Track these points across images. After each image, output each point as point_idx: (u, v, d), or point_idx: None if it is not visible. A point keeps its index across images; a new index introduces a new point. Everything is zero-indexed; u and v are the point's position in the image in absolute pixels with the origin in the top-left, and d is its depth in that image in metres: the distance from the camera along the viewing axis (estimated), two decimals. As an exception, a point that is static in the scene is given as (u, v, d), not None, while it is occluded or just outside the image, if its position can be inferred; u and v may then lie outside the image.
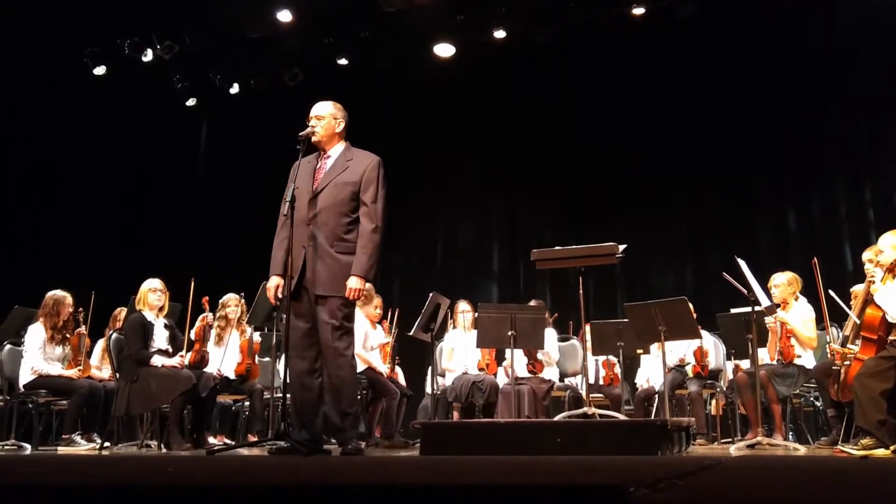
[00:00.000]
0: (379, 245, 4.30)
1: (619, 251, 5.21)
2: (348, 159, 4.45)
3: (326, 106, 4.57)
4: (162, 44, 9.21)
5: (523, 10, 9.07)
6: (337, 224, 4.31)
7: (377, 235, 4.30)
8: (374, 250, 4.27)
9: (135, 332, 5.80)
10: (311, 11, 8.97)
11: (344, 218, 4.32)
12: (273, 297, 4.45)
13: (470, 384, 6.65)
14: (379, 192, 4.36)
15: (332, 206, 4.32)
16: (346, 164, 4.42)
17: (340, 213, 4.32)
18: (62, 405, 6.53)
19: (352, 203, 4.34)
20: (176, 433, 5.73)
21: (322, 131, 4.49)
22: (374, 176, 4.38)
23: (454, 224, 10.53)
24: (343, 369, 4.22)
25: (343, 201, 4.33)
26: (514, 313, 6.00)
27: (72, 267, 9.22)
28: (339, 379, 4.21)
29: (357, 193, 4.35)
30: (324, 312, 4.25)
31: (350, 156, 4.48)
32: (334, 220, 4.31)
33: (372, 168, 4.40)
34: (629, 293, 8.93)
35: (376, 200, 4.35)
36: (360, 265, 4.24)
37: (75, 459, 4.19)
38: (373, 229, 4.29)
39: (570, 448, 4.08)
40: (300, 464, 3.24)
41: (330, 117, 4.52)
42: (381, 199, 4.36)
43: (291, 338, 4.32)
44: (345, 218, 4.32)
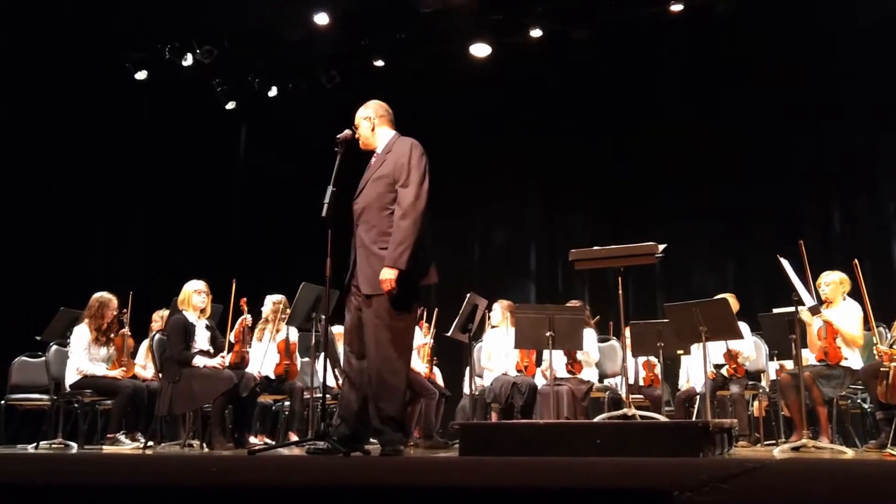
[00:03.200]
0: (408, 230, 4.09)
1: (659, 251, 5.16)
2: (387, 152, 4.36)
3: (359, 111, 4.54)
4: (202, 48, 9.34)
5: (559, 9, 9.01)
6: (379, 220, 4.22)
7: (405, 221, 4.11)
8: (402, 237, 4.08)
9: (177, 333, 5.89)
10: (348, 13, 9.02)
11: (384, 212, 4.21)
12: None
13: (509, 385, 6.63)
14: (411, 175, 4.19)
15: (373, 203, 4.26)
16: (384, 158, 4.35)
17: (380, 207, 4.23)
18: (107, 405, 6.65)
19: (390, 195, 4.22)
20: (217, 433, 5.81)
21: (361, 137, 4.48)
22: (406, 160, 4.24)
23: (491, 224, 10.51)
24: (387, 371, 4.10)
25: (381, 195, 4.24)
26: (552, 314, 5.96)
27: (114, 269, 9.40)
28: (383, 380, 4.10)
29: (393, 184, 4.23)
30: (370, 312, 4.17)
31: (389, 148, 4.38)
32: (376, 217, 4.23)
33: (404, 153, 4.27)
34: (669, 293, 8.82)
35: (407, 184, 4.18)
36: (389, 256, 4.09)
37: (120, 458, 4.25)
38: (400, 216, 4.12)
39: (609, 450, 4.04)
40: (339, 464, 3.25)
41: (361, 120, 4.50)
42: (413, 182, 4.17)
43: (345, 337, 4.35)
44: (385, 212, 4.21)
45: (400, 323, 4.16)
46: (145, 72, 9.64)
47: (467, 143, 9.92)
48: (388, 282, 4.05)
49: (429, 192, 4.23)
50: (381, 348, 4.12)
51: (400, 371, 4.14)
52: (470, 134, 9.93)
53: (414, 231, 4.10)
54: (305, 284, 6.24)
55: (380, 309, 4.14)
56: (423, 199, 4.17)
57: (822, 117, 8.88)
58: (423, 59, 9.67)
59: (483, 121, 9.93)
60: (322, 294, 5.77)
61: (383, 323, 4.13)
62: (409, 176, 4.19)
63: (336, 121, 4.84)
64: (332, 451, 4.06)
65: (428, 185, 4.23)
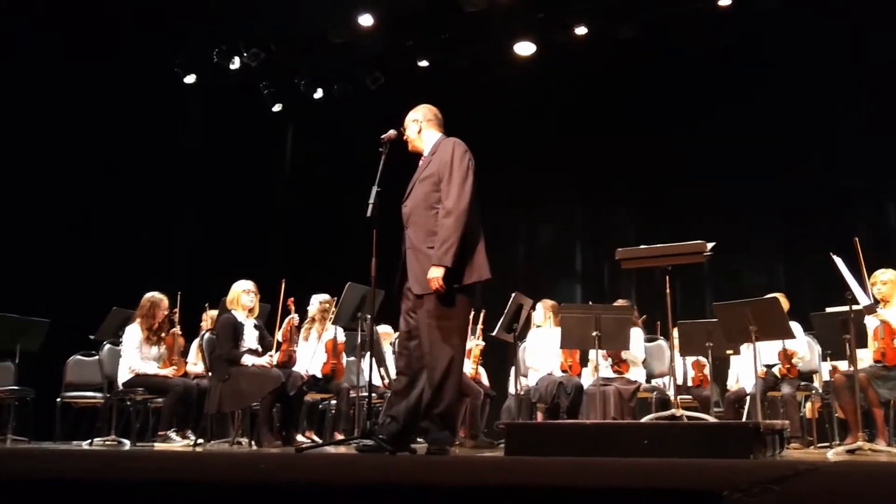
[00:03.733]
0: (452, 227, 4.10)
1: (708, 249, 5.08)
2: (433, 153, 4.40)
3: (409, 114, 4.59)
4: (249, 51, 9.47)
5: (605, 6, 8.94)
6: (426, 220, 4.24)
7: (448, 219, 4.12)
8: (447, 235, 4.09)
9: (226, 333, 5.97)
10: (392, 15, 9.07)
11: (430, 211, 4.24)
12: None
13: (555, 385, 6.59)
14: (454, 174, 4.21)
15: (420, 203, 4.29)
16: (430, 160, 4.39)
17: (427, 207, 4.26)
18: (158, 403, 6.76)
19: (435, 194, 4.25)
20: (266, 431, 5.88)
21: (409, 140, 4.53)
22: (449, 158, 4.26)
23: (536, 223, 10.47)
24: (437, 370, 4.11)
25: (427, 195, 4.27)
26: (598, 313, 5.92)
27: (165, 269, 9.58)
28: (434, 379, 4.11)
29: (438, 183, 4.25)
30: (423, 312, 4.19)
31: (435, 149, 4.41)
32: (423, 217, 4.26)
33: (447, 152, 4.29)
34: (718, 292, 8.68)
35: (450, 182, 4.20)
36: (434, 254, 4.11)
37: (171, 455, 4.33)
38: (444, 214, 4.15)
39: (657, 451, 3.99)
40: (386, 462, 3.27)
41: (409, 123, 4.55)
42: (456, 180, 4.19)
43: (399, 337, 4.42)
44: (431, 211, 4.24)
45: (451, 322, 4.17)
46: (194, 75, 9.81)
47: (512, 142, 9.88)
48: (436, 280, 4.07)
49: (473, 190, 4.23)
50: (434, 347, 4.13)
51: (451, 370, 4.14)
52: (514, 133, 9.89)
53: (458, 228, 4.11)
54: (351, 284, 6.28)
55: (431, 308, 4.15)
56: (466, 197, 4.17)
57: (874, 111, 8.65)
58: (467, 59, 9.68)
59: (527, 119, 9.89)
60: (367, 294, 5.80)
61: (435, 322, 4.14)
62: (452, 174, 4.21)
63: (380, 121, 4.86)
64: (380, 448, 4.08)
65: (472, 183, 4.23)
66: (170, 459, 3.56)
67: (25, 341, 7.04)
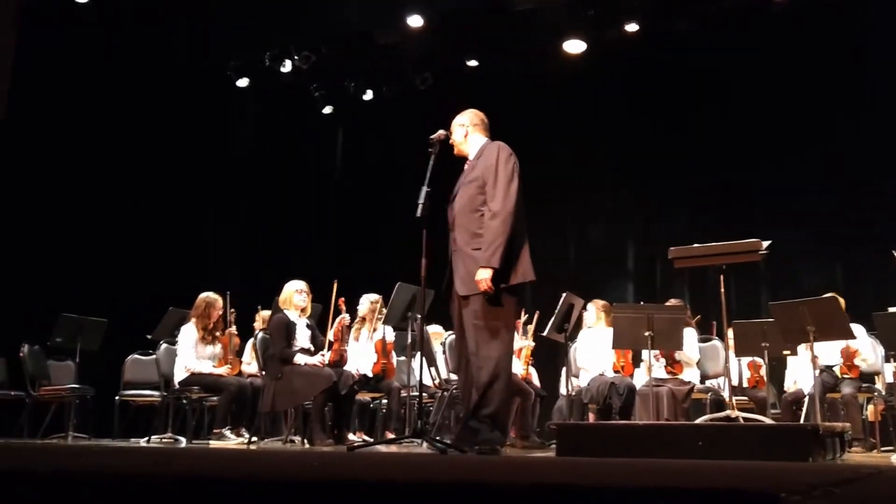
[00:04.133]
0: (498, 229, 4.15)
1: (763, 248, 4.99)
2: (478, 157, 4.44)
3: (455, 118, 4.62)
4: (300, 54, 9.58)
5: (656, 2, 8.83)
6: (470, 222, 4.29)
7: (494, 221, 4.17)
8: (493, 237, 4.15)
9: (279, 332, 6.04)
10: (441, 15, 9.08)
11: (475, 214, 4.28)
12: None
13: (606, 386, 6.53)
14: (499, 176, 4.24)
15: (465, 206, 4.33)
16: (475, 164, 4.43)
17: (471, 210, 4.30)
18: (213, 401, 6.87)
19: (480, 197, 4.29)
20: (318, 429, 5.94)
21: (455, 143, 4.56)
22: (494, 161, 4.30)
23: (587, 222, 10.37)
24: (483, 370, 4.12)
25: (472, 198, 4.31)
26: (651, 313, 5.84)
27: (220, 269, 9.75)
28: (479, 381, 4.13)
29: (483, 186, 4.28)
30: (467, 313, 4.23)
31: (480, 153, 4.44)
32: (468, 219, 4.30)
33: (492, 155, 4.33)
34: (774, 291, 8.51)
35: (495, 184, 4.23)
36: (482, 256, 4.15)
37: (226, 453, 4.39)
38: (490, 216, 4.19)
39: (712, 452, 3.91)
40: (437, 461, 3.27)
41: (456, 127, 4.59)
42: (501, 182, 4.22)
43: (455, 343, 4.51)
44: (475, 213, 4.28)
45: (498, 322, 4.18)
46: (246, 79, 9.97)
47: (562, 141, 9.83)
48: (484, 281, 4.10)
49: (519, 192, 4.25)
50: (481, 348, 4.15)
51: (499, 370, 4.14)
52: (564, 131, 9.84)
53: (504, 230, 4.15)
54: (401, 284, 6.30)
55: (477, 309, 4.18)
56: (511, 199, 4.21)
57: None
58: (517, 58, 9.65)
59: (578, 118, 9.82)
60: (417, 294, 5.82)
61: (482, 322, 4.16)
62: (498, 177, 4.25)
63: (430, 122, 4.88)
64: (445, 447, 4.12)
65: (517, 185, 4.26)
66: (225, 457, 3.62)
67: (85, 341, 7.23)
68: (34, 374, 7.25)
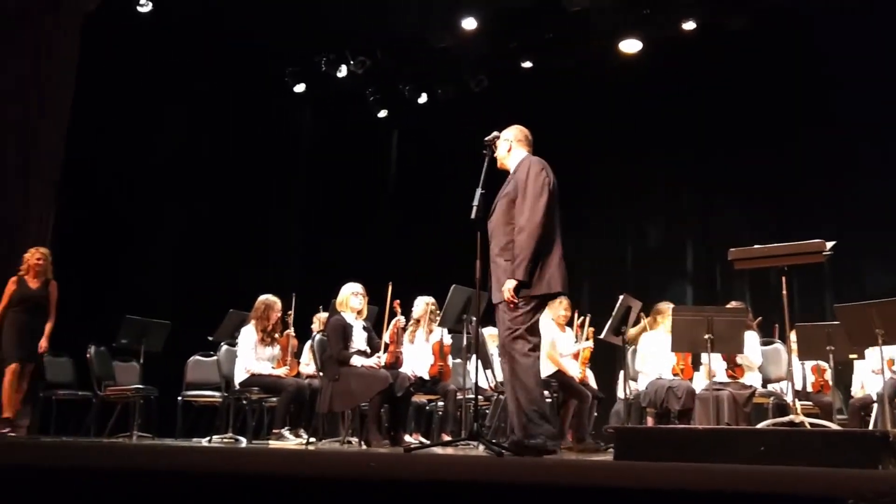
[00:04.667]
0: (524, 243, 4.24)
1: (827, 249, 4.86)
2: (515, 172, 4.52)
3: (501, 133, 4.67)
4: (355, 59, 9.67)
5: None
6: (502, 234, 4.41)
7: (521, 235, 4.27)
8: (519, 250, 4.25)
9: (336, 334, 6.10)
10: (495, 17, 9.07)
11: (507, 227, 4.39)
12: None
13: (664, 389, 6.43)
14: (528, 190, 4.32)
15: (499, 220, 4.45)
16: (511, 180, 4.52)
17: (505, 222, 4.41)
18: (272, 402, 6.95)
19: (512, 211, 4.40)
20: (374, 430, 5.98)
21: (498, 158, 4.63)
22: (524, 175, 4.38)
23: (645, 223, 10.24)
24: (515, 374, 4.25)
25: (505, 212, 4.42)
26: (710, 316, 5.73)
27: (278, 272, 9.90)
28: (511, 384, 4.27)
29: (514, 201, 4.39)
30: (499, 320, 4.38)
31: (517, 168, 4.52)
32: (501, 232, 4.42)
33: (524, 170, 4.42)
34: (839, 293, 8.28)
35: (524, 199, 4.32)
36: (509, 268, 4.28)
37: (285, 453, 4.45)
38: (518, 230, 4.30)
39: (774, 458, 3.80)
40: (494, 464, 3.26)
41: (501, 141, 4.64)
42: (529, 198, 4.31)
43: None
44: (507, 226, 4.39)
45: (523, 325, 4.30)
46: (303, 84, 10.11)
47: (618, 141, 9.73)
48: (508, 291, 4.24)
49: (547, 207, 4.31)
50: (509, 352, 4.29)
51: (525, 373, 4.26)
52: (621, 131, 9.74)
53: (530, 244, 4.25)
54: (456, 287, 6.31)
55: (504, 317, 4.32)
56: (538, 214, 4.28)
57: None
58: (572, 59, 9.58)
59: (635, 117, 9.71)
60: (472, 296, 5.81)
61: (510, 328, 4.30)
62: (526, 192, 4.34)
63: (484, 124, 4.88)
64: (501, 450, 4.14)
65: (546, 200, 4.32)
66: (285, 456, 3.66)
67: (149, 342, 7.41)
68: (100, 374, 7.45)
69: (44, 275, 6.79)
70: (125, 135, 8.47)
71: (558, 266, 4.35)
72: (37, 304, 6.75)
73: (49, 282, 6.83)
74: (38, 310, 6.75)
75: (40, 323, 6.74)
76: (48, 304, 6.80)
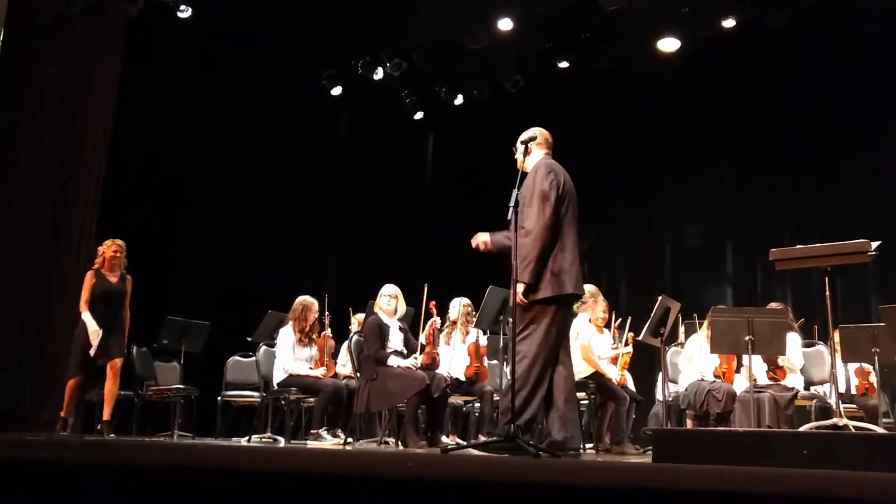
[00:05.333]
0: (529, 246, 4.30)
1: (872, 249, 4.77)
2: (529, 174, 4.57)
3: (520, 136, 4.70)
4: (391, 62, 9.71)
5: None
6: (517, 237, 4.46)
7: (527, 238, 4.33)
8: (525, 254, 4.31)
9: (373, 334, 6.14)
10: (531, 17, 9.04)
11: (520, 230, 4.42)
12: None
13: (704, 391, 6.36)
14: (533, 195, 4.39)
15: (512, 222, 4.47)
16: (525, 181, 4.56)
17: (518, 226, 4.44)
18: (310, 402, 7.01)
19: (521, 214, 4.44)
20: (411, 431, 5.99)
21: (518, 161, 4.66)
22: (532, 179, 4.45)
23: (683, 223, 10.12)
24: (520, 380, 4.31)
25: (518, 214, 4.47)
26: (751, 317, 5.65)
27: (316, 274, 9.99)
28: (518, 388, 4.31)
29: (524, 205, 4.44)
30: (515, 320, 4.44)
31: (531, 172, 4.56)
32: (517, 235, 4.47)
33: (532, 173, 4.49)
34: (884, 294, 8.10)
35: (530, 203, 4.38)
36: (517, 271, 4.31)
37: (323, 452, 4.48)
38: (524, 234, 4.35)
39: (817, 462, 3.74)
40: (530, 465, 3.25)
41: (519, 144, 4.67)
42: (535, 201, 4.37)
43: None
44: (520, 229, 4.42)
45: (531, 334, 4.36)
46: (340, 87, 10.18)
47: (656, 141, 9.64)
48: (517, 295, 4.30)
49: (554, 209, 4.36)
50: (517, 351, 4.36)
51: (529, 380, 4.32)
52: (659, 131, 9.65)
53: (536, 247, 4.32)
54: (492, 288, 6.30)
55: (517, 320, 4.38)
56: (544, 217, 4.34)
57: None
58: (609, 59, 9.49)
59: (673, 116, 9.62)
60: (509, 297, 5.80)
61: (519, 327, 4.37)
62: (532, 195, 4.39)
63: (521, 124, 4.87)
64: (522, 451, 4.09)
65: (553, 203, 4.37)
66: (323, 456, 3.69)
67: (189, 342, 7.52)
68: (142, 374, 7.57)
69: (120, 268, 6.49)
70: (166, 138, 8.59)
71: (570, 267, 4.38)
72: (117, 299, 6.44)
73: (125, 276, 6.54)
74: (117, 305, 6.44)
75: (121, 318, 6.47)
76: (125, 298, 6.50)
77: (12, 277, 6.87)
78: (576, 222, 4.52)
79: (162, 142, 8.56)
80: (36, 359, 6.84)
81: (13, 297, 6.81)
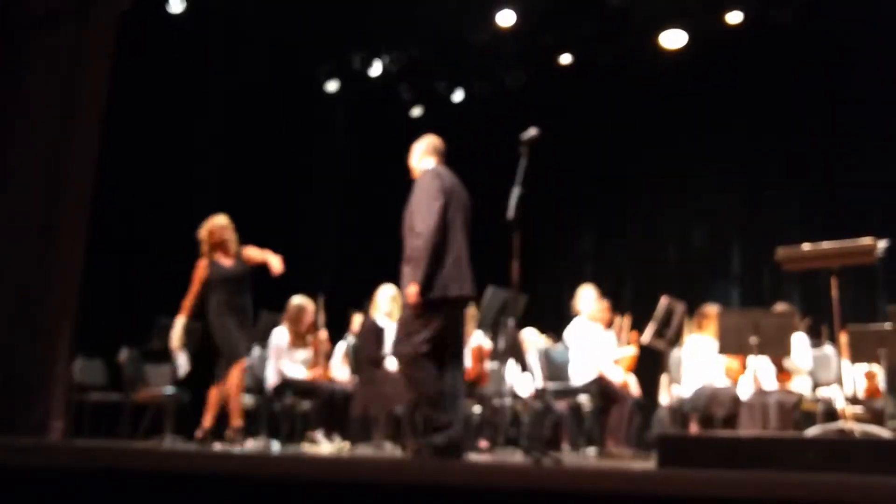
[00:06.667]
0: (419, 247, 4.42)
1: (879, 249, 4.69)
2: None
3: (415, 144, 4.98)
4: (389, 56, 9.62)
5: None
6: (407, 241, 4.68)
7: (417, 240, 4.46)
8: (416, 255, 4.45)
9: (369, 337, 6.05)
10: (533, 11, 8.94)
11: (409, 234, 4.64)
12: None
13: (709, 396, 6.27)
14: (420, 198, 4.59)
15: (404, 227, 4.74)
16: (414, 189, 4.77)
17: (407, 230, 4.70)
18: (305, 407, 6.91)
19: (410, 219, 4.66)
20: (410, 435, 5.88)
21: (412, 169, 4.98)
22: (418, 184, 4.71)
23: (689, 223, 10.01)
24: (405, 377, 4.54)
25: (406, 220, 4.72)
26: (757, 318, 5.58)
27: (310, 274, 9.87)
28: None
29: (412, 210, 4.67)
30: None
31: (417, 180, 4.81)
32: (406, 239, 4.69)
33: (419, 180, 4.76)
34: (893, 294, 8.00)
35: (418, 206, 4.57)
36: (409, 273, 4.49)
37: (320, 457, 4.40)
38: (414, 236, 4.52)
39: (824, 466, 3.66)
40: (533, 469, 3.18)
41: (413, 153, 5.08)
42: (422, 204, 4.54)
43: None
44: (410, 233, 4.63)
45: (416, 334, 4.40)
46: (336, 82, 10.09)
47: (660, 137, 9.54)
48: (409, 296, 4.40)
49: (441, 212, 4.48)
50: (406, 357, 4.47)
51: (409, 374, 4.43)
52: (664, 127, 9.55)
53: (424, 248, 4.39)
54: (491, 288, 6.22)
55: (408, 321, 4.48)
56: (431, 218, 4.43)
57: None
58: (612, 54, 9.39)
59: (677, 113, 9.52)
60: (509, 298, 5.72)
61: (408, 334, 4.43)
62: (419, 199, 4.55)
63: (521, 121, 4.80)
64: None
65: (440, 205, 4.50)
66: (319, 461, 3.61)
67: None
68: (132, 377, 7.46)
69: (232, 247, 6.10)
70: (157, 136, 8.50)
71: (453, 269, 4.44)
72: (238, 283, 6.02)
73: (240, 253, 6.11)
74: (241, 289, 6.02)
75: (248, 303, 6.01)
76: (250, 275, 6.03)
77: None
78: (465, 228, 4.63)
79: (154, 138, 8.47)
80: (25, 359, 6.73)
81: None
